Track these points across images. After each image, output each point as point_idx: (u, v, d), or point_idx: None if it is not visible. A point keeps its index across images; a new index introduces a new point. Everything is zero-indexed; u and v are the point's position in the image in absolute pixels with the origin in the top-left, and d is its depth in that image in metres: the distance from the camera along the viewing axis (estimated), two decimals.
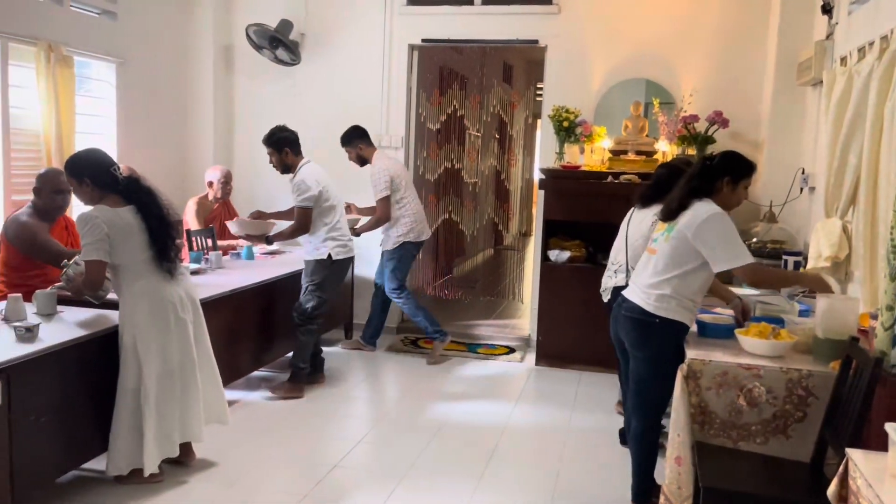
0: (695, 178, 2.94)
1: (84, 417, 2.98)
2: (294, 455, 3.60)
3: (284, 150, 4.33)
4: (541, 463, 3.61)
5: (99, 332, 3.04)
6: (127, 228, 3.00)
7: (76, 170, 3.06)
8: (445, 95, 6.31)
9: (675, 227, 2.87)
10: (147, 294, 3.06)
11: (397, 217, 5.11)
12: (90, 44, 4.75)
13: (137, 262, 3.04)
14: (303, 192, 4.25)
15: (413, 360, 5.32)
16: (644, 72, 5.37)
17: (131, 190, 3.08)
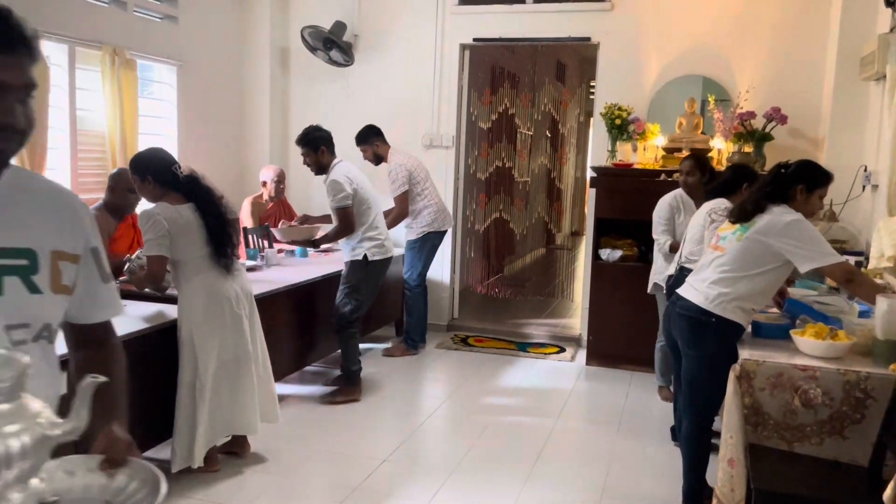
0: (768, 184, 2.91)
1: (146, 408, 3.09)
2: (344, 449, 3.67)
3: (321, 148, 4.25)
4: (590, 462, 3.59)
5: (159, 325, 3.14)
6: (186, 225, 3.10)
7: (140, 168, 3.18)
8: (497, 94, 6.32)
9: (750, 229, 2.82)
10: (204, 289, 3.15)
11: (420, 209, 5.12)
12: (152, 47, 4.92)
13: (195, 259, 3.14)
14: (338, 192, 4.18)
15: (462, 357, 5.35)
16: (699, 68, 5.28)
17: (191, 188, 3.17)
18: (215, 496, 3.09)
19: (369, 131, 5.04)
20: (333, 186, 4.18)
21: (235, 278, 3.28)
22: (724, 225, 3.02)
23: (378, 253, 4.31)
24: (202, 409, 3.11)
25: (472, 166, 6.23)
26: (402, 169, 4.98)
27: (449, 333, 5.92)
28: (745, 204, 2.91)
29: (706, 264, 2.96)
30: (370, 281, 4.33)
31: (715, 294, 2.84)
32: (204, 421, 3.12)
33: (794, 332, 2.80)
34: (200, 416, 3.11)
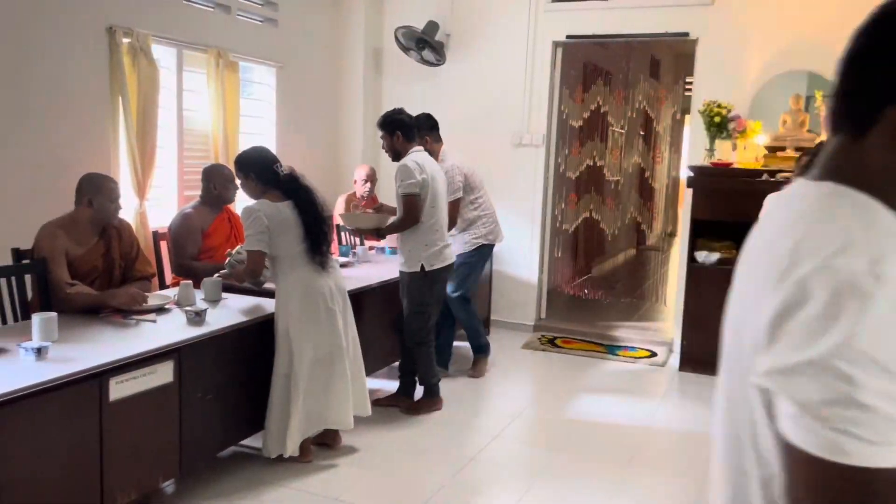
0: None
1: (243, 397, 3.21)
2: (433, 445, 3.69)
3: (396, 133, 3.98)
4: (684, 472, 3.49)
5: (257, 318, 3.25)
6: (285, 222, 3.20)
7: (244, 166, 3.31)
8: (589, 92, 6.21)
9: None
10: (300, 284, 3.23)
11: (472, 218, 4.67)
12: (254, 50, 5.10)
13: (293, 254, 3.22)
14: (405, 178, 3.85)
15: (550, 358, 5.29)
16: (805, 63, 5.03)
17: (291, 187, 3.28)
18: (308, 486, 3.17)
19: (424, 122, 4.52)
20: (401, 171, 3.88)
21: (330, 274, 3.35)
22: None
23: (437, 261, 3.98)
24: (296, 401, 3.20)
25: (562, 165, 6.16)
26: (459, 172, 4.50)
27: (536, 334, 5.87)
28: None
29: None
30: (433, 290, 4.03)
31: None
32: (297, 412, 3.21)
33: None
34: (294, 407, 3.20)
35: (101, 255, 3.30)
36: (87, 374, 2.40)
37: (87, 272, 3.23)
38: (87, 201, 3.21)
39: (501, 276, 5.93)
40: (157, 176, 4.37)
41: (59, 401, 2.32)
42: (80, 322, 2.93)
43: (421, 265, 3.92)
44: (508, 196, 5.84)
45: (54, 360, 2.42)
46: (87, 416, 2.43)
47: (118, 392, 2.52)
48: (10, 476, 2.18)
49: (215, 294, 3.45)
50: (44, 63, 3.71)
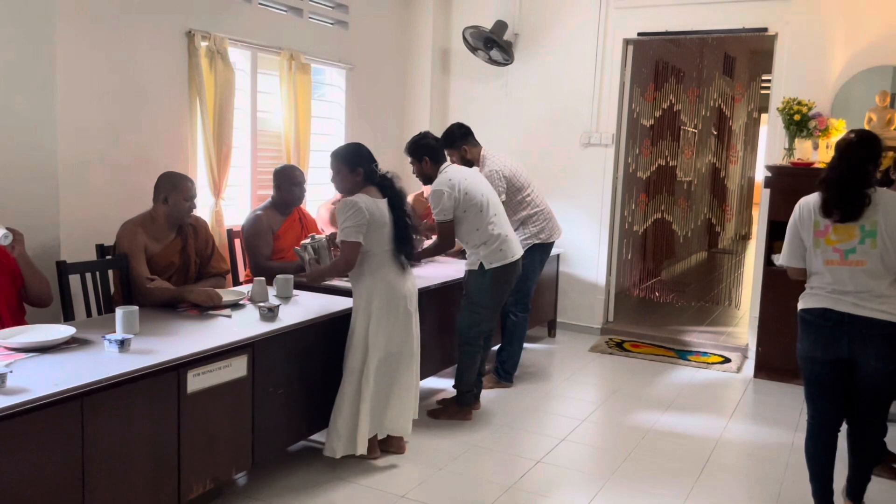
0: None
1: (312, 394, 3.26)
2: (498, 446, 3.67)
3: (424, 159, 3.91)
4: (759, 483, 3.37)
5: (328, 315, 3.29)
6: (382, 219, 3.22)
7: (351, 159, 3.29)
8: (661, 90, 6.08)
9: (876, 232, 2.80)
10: (385, 283, 3.25)
11: (523, 218, 4.52)
12: (325, 52, 5.18)
13: (382, 252, 3.25)
14: (436, 205, 3.84)
15: (618, 361, 5.20)
16: (892, 58, 4.79)
17: (388, 185, 3.32)
18: (375, 483, 3.20)
19: (456, 132, 4.44)
20: (433, 198, 3.86)
21: (409, 277, 3.38)
22: (830, 232, 2.81)
23: (496, 259, 3.88)
24: (366, 399, 3.23)
25: (632, 165, 6.04)
26: (498, 176, 4.39)
27: (603, 337, 5.78)
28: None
29: (847, 276, 2.78)
30: (492, 291, 3.93)
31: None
32: (367, 409, 3.23)
33: None
34: (364, 404, 3.23)
35: (178, 251, 3.41)
36: (167, 366, 2.48)
37: (165, 267, 3.35)
38: (164, 199, 3.33)
39: (568, 277, 5.86)
40: (232, 175, 4.49)
41: (141, 391, 2.41)
42: (160, 316, 3.03)
43: (480, 263, 3.90)
44: (577, 196, 5.77)
45: (136, 352, 2.51)
46: (166, 406, 2.51)
47: (195, 384, 2.60)
48: (96, 462, 2.27)
49: (287, 291, 3.52)
50: (128, 66, 3.86)
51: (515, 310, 4.50)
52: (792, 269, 3.01)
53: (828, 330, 2.80)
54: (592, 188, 5.79)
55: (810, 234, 2.87)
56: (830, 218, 2.81)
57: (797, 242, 2.94)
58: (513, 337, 4.52)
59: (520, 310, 4.51)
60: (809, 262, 2.91)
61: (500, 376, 4.54)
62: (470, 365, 3.98)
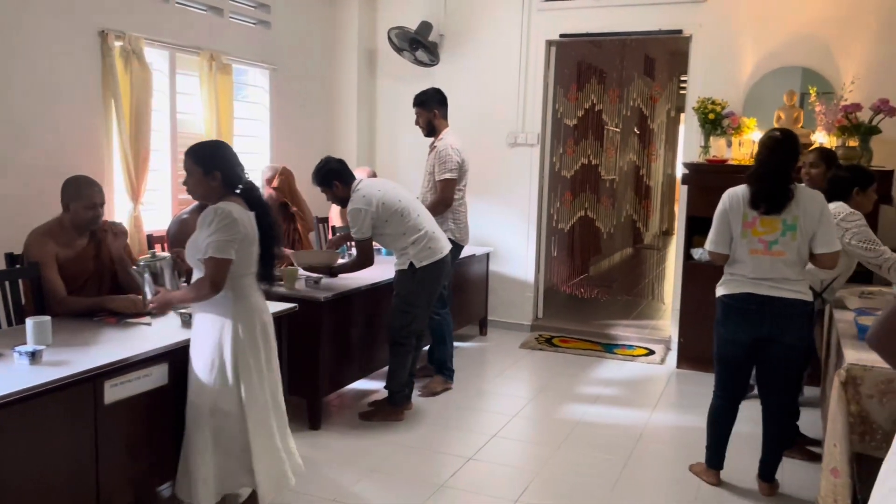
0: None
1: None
2: (430, 446, 3.69)
3: (334, 183, 3.86)
4: (682, 466, 3.48)
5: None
6: (251, 236, 2.69)
7: (208, 159, 2.68)
8: (583, 90, 6.21)
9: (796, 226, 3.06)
10: (255, 311, 2.75)
11: (454, 211, 4.42)
12: (247, 52, 5.09)
13: (247, 274, 2.72)
14: (353, 224, 3.83)
15: (547, 357, 5.29)
16: (799, 59, 5.03)
17: (254, 196, 2.78)
18: (304, 488, 3.16)
19: (434, 96, 4.43)
20: (352, 217, 3.83)
21: (266, 305, 2.89)
22: (757, 224, 3.03)
23: (426, 257, 3.88)
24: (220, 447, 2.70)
25: (557, 164, 6.16)
26: (456, 154, 4.30)
27: (533, 333, 5.87)
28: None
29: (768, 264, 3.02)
30: (423, 290, 3.92)
31: (807, 286, 3.07)
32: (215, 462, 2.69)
33: None
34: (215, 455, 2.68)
35: (91, 257, 3.28)
36: (82, 377, 2.39)
37: (78, 274, 3.21)
38: (65, 206, 3.18)
39: (498, 275, 5.93)
40: (152, 179, 4.36)
41: (54, 404, 2.31)
42: (75, 325, 2.91)
43: (410, 263, 3.89)
44: (504, 195, 5.85)
45: (48, 364, 2.41)
46: (82, 419, 2.42)
47: (113, 395, 2.51)
48: (6, 479, 2.17)
49: None
50: (35, 67, 3.70)
51: (436, 308, 4.40)
52: (716, 255, 3.17)
53: (752, 312, 3.04)
54: (520, 187, 5.87)
55: (739, 224, 3.04)
56: (758, 210, 3.00)
57: (725, 230, 3.09)
58: (445, 335, 4.49)
59: (439, 307, 4.40)
60: (734, 251, 3.09)
61: (445, 376, 4.48)
62: (402, 365, 3.97)
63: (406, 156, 6.22)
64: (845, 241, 3.32)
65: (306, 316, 3.61)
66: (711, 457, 3.30)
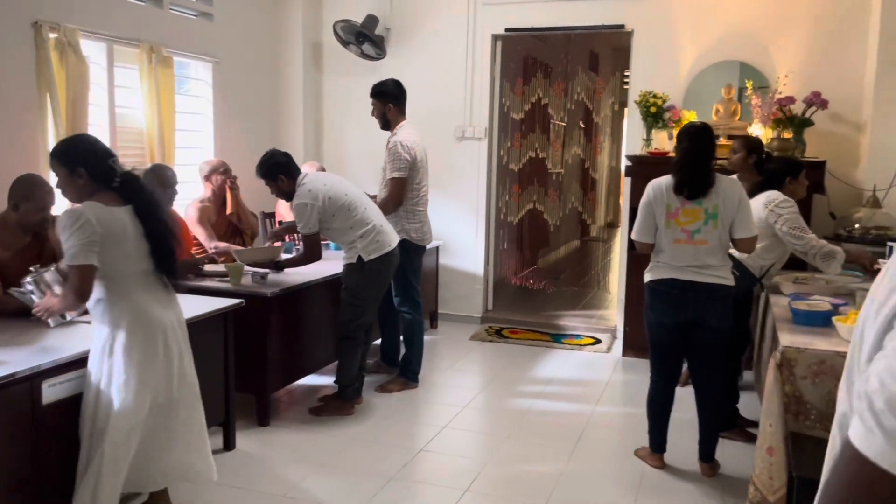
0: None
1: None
2: (381, 439, 3.69)
3: (279, 177, 3.83)
4: (627, 451, 3.57)
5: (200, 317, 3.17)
6: (122, 232, 2.47)
7: (69, 157, 2.51)
8: (529, 85, 6.28)
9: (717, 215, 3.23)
10: (141, 313, 2.51)
11: (408, 208, 4.33)
12: (188, 45, 4.99)
13: (131, 274, 2.52)
14: (300, 219, 3.81)
15: (497, 348, 5.34)
16: (736, 54, 5.18)
17: (131, 188, 2.56)
18: (251, 484, 3.13)
19: (390, 88, 4.34)
20: (297, 212, 3.80)
21: (173, 304, 2.66)
22: (680, 214, 3.17)
23: (374, 250, 3.86)
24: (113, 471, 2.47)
25: (504, 157, 6.21)
26: (407, 152, 4.19)
27: (483, 325, 5.92)
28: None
29: (691, 252, 3.17)
30: (371, 284, 3.91)
31: (728, 272, 3.21)
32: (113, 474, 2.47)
33: (836, 319, 2.75)
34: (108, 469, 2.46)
35: (34, 256, 3.18)
36: (18, 377, 2.32)
37: (19, 273, 3.11)
38: (14, 206, 3.07)
39: (448, 269, 5.96)
40: None
41: None
42: (12, 325, 2.82)
43: (358, 256, 3.88)
44: (454, 189, 5.87)
45: None
46: (18, 422, 2.35)
47: (51, 395, 2.44)
48: None
49: None
50: None
51: (407, 308, 4.37)
52: (642, 244, 3.30)
53: (675, 296, 3.18)
54: (468, 181, 5.91)
55: (663, 214, 3.14)
56: (682, 195, 3.12)
57: (650, 220, 3.22)
58: (413, 337, 4.40)
59: (412, 307, 4.37)
60: (659, 240, 3.23)
61: (407, 378, 4.42)
62: (351, 359, 3.96)
63: (355, 151, 6.19)
64: (777, 226, 3.46)
65: (253, 312, 3.58)
66: (654, 441, 3.40)
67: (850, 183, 4.83)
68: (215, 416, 3.38)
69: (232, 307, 3.33)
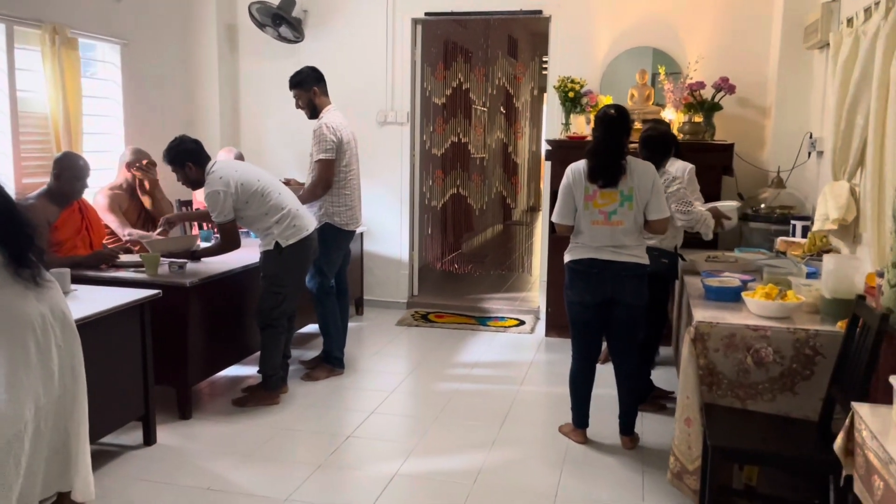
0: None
1: (96, 395, 3.03)
2: (308, 427, 3.66)
3: (187, 164, 3.74)
4: (552, 427, 3.65)
5: (114, 308, 3.06)
6: None
7: None
8: (450, 69, 6.29)
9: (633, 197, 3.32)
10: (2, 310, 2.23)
11: (334, 192, 4.26)
12: (94, 25, 4.76)
13: None
14: (214, 208, 3.73)
15: (423, 333, 5.36)
16: (650, 40, 5.33)
17: None
18: (171, 478, 3.06)
19: (310, 74, 4.26)
20: (210, 201, 3.72)
21: (44, 296, 2.33)
22: (598, 196, 3.26)
23: (292, 235, 3.80)
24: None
25: (427, 142, 6.22)
26: (331, 132, 4.14)
27: (409, 310, 5.93)
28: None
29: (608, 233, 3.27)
30: (290, 270, 3.86)
31: (643, 251, 3.34)
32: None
33: (745, 294, 2.89)
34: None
35: None
36: None
37: None
38: None
39: (373, 254, 5.93)
40: None
41: None
42: None
43: (276, 243, 3.80)
44: (377, 174, 5.83)
45: None
46: None
47: None
48: None
49: (65, 286, 3.22)
50: None
51: (320, 293, 4.31)
52: (562, 227, 3.37)
53: (595, 276, 3.28)
54: (391, 166, 5.88)
55: (581, 197, 3.22)
56: (596, 184, 3.20)
57: (570, 203, 3.30)
58: (330, 323, 4.35)
59: (327, 293, 4.32)
60: (578, 222, 3.31)
61: (333, 364, 4.39)
62: (274, 347, 3.90)
63: (274, 136, 6.06)
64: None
65: (171, 302, 3.48)
66: (577, 417, 3.49)
67: (757, 165, 5.06)
68: (134, 411, 3.29)
69: (148, 298, 3.22)
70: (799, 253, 3.72)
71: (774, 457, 2.44)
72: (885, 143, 3.17)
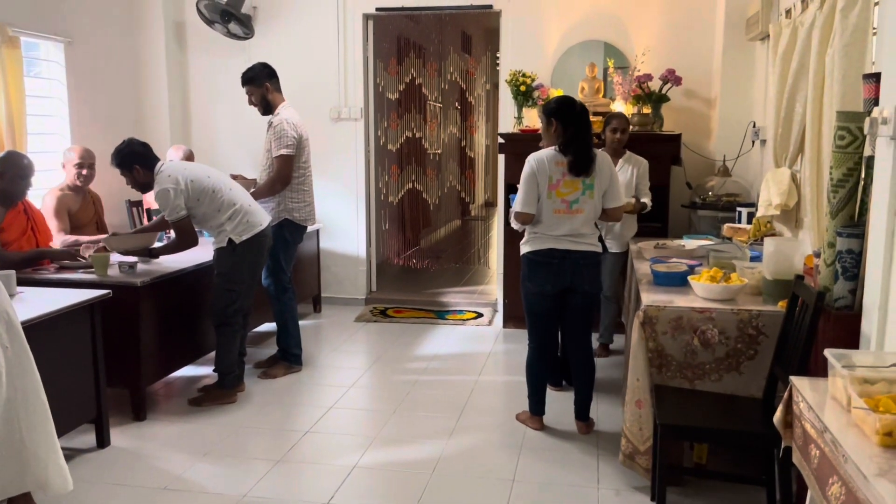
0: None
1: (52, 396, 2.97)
2: (267, 423, 3.64)
3: (135, 167, 3.70)
4: (510, 415, 3.70)
5: (58, 311, 3.01)
6: None
7: None
8: (403, 65, 6.30)
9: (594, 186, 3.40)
10: None
11: (292, 187, 4.24)
12: (37, 23, 4.65)
13: None
14: (165, 206, 3.67)
15: (382, 328, 5.37)
16: (599, 33, 5.42)
17: None
18: (128, 479, 3.02)
19: (261, 70, 4.21)
20: (160, 200, 3.67)
21: None
22: (561, 185, 3.32)
23: (245, 231, 3.78)
24: None
25: (382, 138, 6.21)
26: (292, 128, 4.13)
27: (368, 306, 5.93)
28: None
29: (568, 222, 3.34)
30: (245, 266, 3.83)
31: (597, 239, 3.46)
32: None
33: (691, 278, 2.97)
34: None
35: None
36: None
37: None
38: None
39: (329, 251, 5.92)
40: None
41: None
42: None
43: (229, 240, 3.77)
44: (331, 171, 5.81)
45: None
46: None
47: None
48: None
49: (10, 288, 3.15)
50: None
51: (276, 291, 4.30)
52: (524, 215, 3.38)
53: (554, 265, 3.34)
54: (346, 162, 5.87)
55: (546, 186, 3.26)
56: (579, 176, 3.29)
57: (534, 192, 3.34)
58: (288, 319, 4.34)
59: (280, 292, 4.30)
60: (539, 211, 3.34)
61: (290, 361, 4.37)
62: (230, 346, 3.87)
63: (224, 135, 6.00)
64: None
65: (123, 303, 3.43)
66: (533, 404, 3.55)
67: (703, 154, 5.19)
68: (86, 413, 3.24)
69: (97, 299, 3.17)
70: (745, 238, 3.83)
71: (720, 433, 2.52)
72: (822, 130, 3.28)
